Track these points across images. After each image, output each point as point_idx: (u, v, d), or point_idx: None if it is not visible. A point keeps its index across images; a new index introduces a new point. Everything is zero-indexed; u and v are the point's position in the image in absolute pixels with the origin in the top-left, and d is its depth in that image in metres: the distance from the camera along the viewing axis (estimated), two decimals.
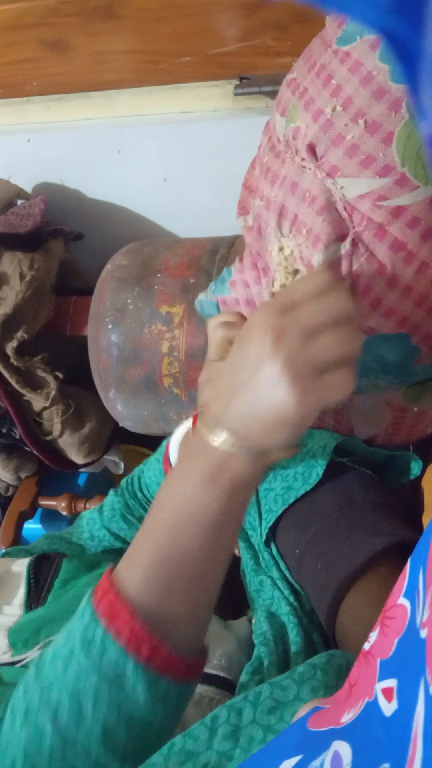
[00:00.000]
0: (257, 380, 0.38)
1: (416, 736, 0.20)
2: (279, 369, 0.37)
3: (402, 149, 0.43)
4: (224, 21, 0.81)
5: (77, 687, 0.38)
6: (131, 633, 0.38)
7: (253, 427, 0.39)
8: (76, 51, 0.87)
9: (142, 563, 0.40)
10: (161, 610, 0.39)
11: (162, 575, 0.40)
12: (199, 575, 0.41)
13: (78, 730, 0.38)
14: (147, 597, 0.39)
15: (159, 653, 0.39)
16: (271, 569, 0.64)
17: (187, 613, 0.41)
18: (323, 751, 0.25)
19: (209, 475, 0.40)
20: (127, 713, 0.38)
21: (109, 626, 0.39)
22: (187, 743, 0.42)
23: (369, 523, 0.58)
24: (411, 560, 0.28)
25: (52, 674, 0.40)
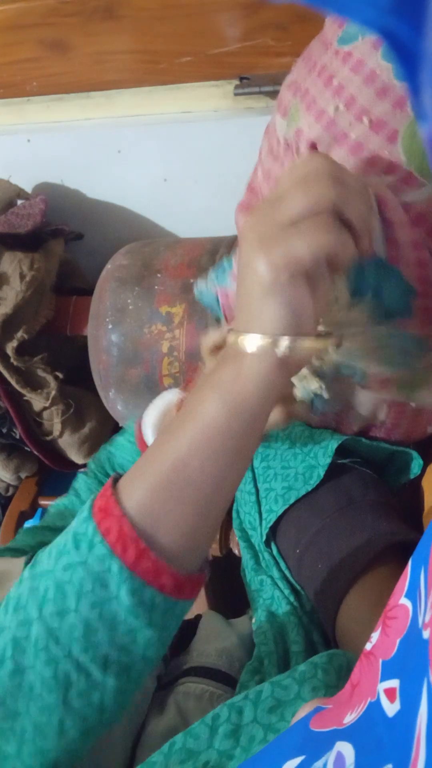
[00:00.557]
0: (246, 275, 0.38)
1: (419, 736, 0.20)
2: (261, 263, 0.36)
3: (408, 147, 0.43)
4: (224, 21, 0.81)
5: (63, 578, 0.38)
6: (119, 533, 0.38)
7: (248, 317, 0.38)
8: (76, 51, 0.87)
9: (140, 468, 0.40)
10: (156, 519, 0.39)
11: (155, 481, 0.39)
12: (193, 485, 0.40)
13: (61, 623, 0.38)
14: (143, 504, 0.39)
15: (144, 559, 0.38)
16: (271, 569, 0.64)
17: (177, 524, 0.40)
18: (326, 751, 0.25)
19: (221, 379, 0.39)
20: (109, 615, 0.38)
21: (99, 524, 0.39)
22: (187, 742, 0.42)
23: (369, 523, 0.58)
24: (412, 560, 0.28)
25: (44, 565, 0.40)
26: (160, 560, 0.39)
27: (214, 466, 0.40)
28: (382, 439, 0.66)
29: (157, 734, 0.50)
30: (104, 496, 0.40)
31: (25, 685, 0.38)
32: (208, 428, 0.39)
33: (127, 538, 0.38)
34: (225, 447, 0.40)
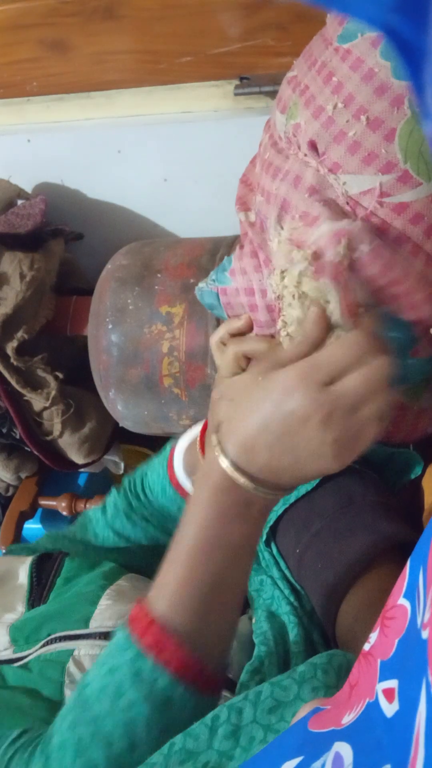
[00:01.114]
0: (301, 449, 0.40)
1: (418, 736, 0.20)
2: (328, 445, 0.40)
3: (404, 146, 0.43)
4: (224, 21, 0.81)
5: (129, 717, 0.41)
6: (180, 662, 0.41)
7: (286, 478, 0.42)
8: (76, 51, 0.87)
9: (177, 592, 0.43)
10: (200, 634, 0.42)
11: (197, 600, 0.42)
12: (229, 593, 0.44)
13: (132, 756, 0.40)
14: (186, 623, 0.42)
15: (203, 675, 0.42)
16: (271, 569, 0.64)
17: (221, 631, 0.44)
18: (324, 752, 0.25)
19: (238, 511, 0.43)
20: (174, 729, 0.41)
21: (157, 658, 0.41)
22: (187, 742, 0.42)
23: (369, 523, 0.58)
24: (411, 560, 0.28)
25: (102, 707, 0.41)
26: (213, 671, 0.43)
27: (243, 573, 0.45)
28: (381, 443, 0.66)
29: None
30: (152, 629, 0.42)
31: None
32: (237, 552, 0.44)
33: (189, 664, 0.42)
34: (250, 553, 0.46)
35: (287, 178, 0.51)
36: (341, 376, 0.40)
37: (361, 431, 0.40)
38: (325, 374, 0.40)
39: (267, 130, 0.58)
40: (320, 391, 0.40)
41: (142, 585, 0.63)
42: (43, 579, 0.61)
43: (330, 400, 0.40)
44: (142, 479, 0.71)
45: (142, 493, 0.71)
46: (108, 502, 0.73)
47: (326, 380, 0.40)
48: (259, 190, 0.56)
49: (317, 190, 0.48)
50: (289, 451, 0.41)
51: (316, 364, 0.40)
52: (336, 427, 0.40)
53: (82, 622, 0.55)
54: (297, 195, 0.50)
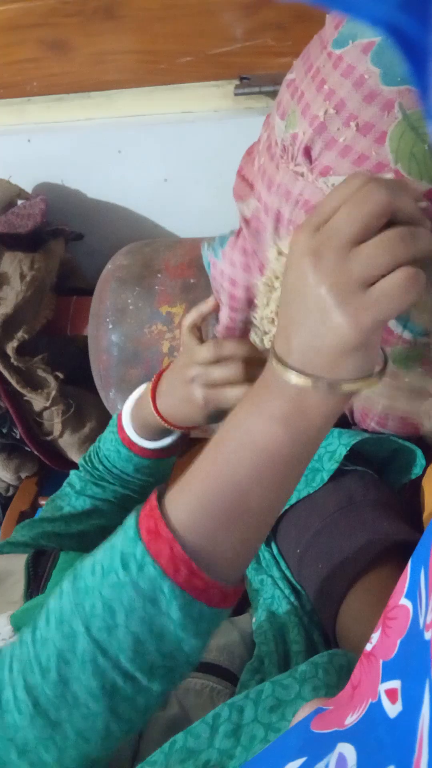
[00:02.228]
0: (307, 311, 0.36)
1: (422, 737, 0.20)
2: (324, 294, 0.35)
3: (395, 147, 0.44)
4: (225, 21, 0.81)
5: (112, 597, 0.38)
6: (170, 556, 0.38)
7: (318, 361, 0.37)
8: (76, 51, 0.87)
9: (194, 490, 0.39)
10: (205, 539, 0.39)
11: (212, 505, 0.39)
12: (251, 511, 0.40)
13: (110, 639, 0.38)
14: (192, 523, 0.39)
15: (196, 579, 0.38)
16: (271, 568, 0.64)
17: (232, 545, 0.40)
18: (328, 753, 0.25)
19: (286, 413, 0.38)
20: (158, 630, 0.38)
21: (149, 546, 0.38)
22: (188, 741, 0.42)
23: (370, 523, 0.58)
24: (412, 561, 0.28)
25: (89, 582, 0.40)
26: (210, 578, 0.39)
27: (275, 493, 0.40)
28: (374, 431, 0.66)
29: (160, 727, 0.50)
30: (152, 517, 0.39)
31: (69, 695, 0.38)
32: (272, 460, 0.39)
33: (178, 561, 0.38)
34: (288, 475, 0.40)
35: (279, 191, 0.51)
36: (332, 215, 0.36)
37: (364, 272, 0.35)
38: (315, 219, 0.36)
39: (266, 129, 0.58)
40: (310, 237, 0.36)
41: None
42: (40, 571, 0.62)
43: (318, 238, 0.35)
44: (96, 452, 0.73)
45: (99, 464, 0.73)
46: (72, 480, 0.75)
47: (317, 224, 0.36)
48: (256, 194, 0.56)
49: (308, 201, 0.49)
50: (301, 319, 0.37)
51: (309, 217, 0.37)
52: (326, 267, 0.35)
53: None
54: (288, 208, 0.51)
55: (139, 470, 0.70)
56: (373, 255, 0.35)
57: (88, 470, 0.74)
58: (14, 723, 0.38)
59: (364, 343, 0.36)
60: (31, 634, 0.40)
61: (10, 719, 0.38)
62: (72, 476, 0.76)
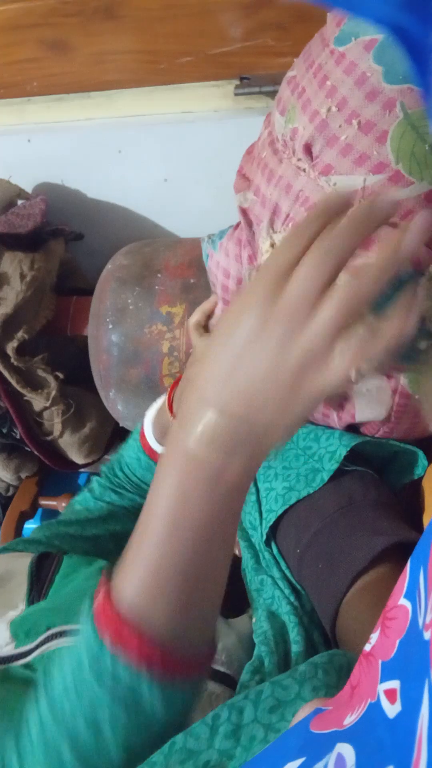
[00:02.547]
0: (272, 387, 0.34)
1: (421, 737, 0.20)
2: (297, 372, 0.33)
3: (396, 147, 0.44)
4: (225, 21, 0.81)
5: (94, 716, 0.38)
6: (141, 655, 0.37)
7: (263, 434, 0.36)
8: (76, 51, 0.87)
9: (139, 574, 0.39)
10: (165, 619, 0.38)
11: (162, 583, 0.38)
12: (200, 578, 0.39)
13: (99, 756, 0.38)
14: (148, 608, 0.38)
15: (172, 665, 0.38)
16: (271, 569, 0.64)
17: (191, 616, 0.40)
18: (327, 753, 0.25)
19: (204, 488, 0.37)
20: (147, 730, 0.39)
21: (115, 647, 0.37)
22: (188, 742, 0.42)
23: (369, 522, 0.58)
24: (411, 560, 0.28)
25: (65, 707, 0.39)
26: (185, 657, 0.39)
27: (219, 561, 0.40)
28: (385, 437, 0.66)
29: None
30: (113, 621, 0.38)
31: None
32: (194, 532, 0.38)
33: (152, 657, 0.37)
34: (225, 541, 0.40)
35: (280, 183, 0.51)
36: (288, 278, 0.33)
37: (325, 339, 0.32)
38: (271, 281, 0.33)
39: (267, 126, 0.58)
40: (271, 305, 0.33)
41: None
42: (42, 576, 0.62)
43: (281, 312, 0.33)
44: (119, 460, 0.74)
45: (120, 471, 0.74)
46: (93, 485, 0.76)
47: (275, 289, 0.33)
48: (254, 187, 0.56)
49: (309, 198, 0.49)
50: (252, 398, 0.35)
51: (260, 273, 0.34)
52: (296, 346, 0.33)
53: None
54: (287, 202, 0.51)
55: None
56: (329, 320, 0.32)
57: (109, 477, 0.75)
58: None
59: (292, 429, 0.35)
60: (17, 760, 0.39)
61: None
62: (93, 482, 0.76)
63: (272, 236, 0.53)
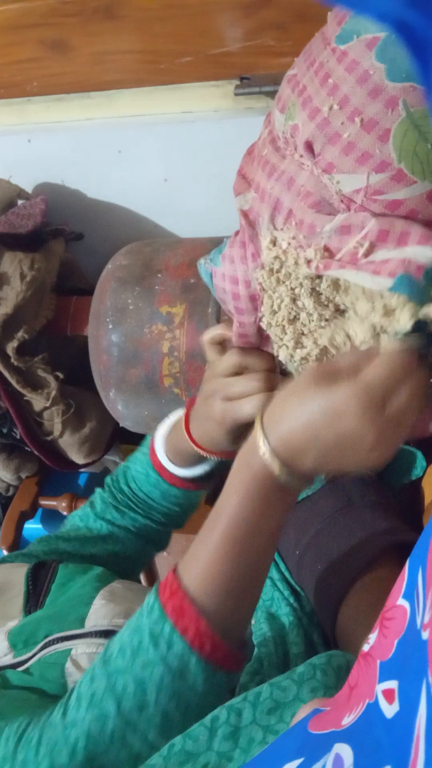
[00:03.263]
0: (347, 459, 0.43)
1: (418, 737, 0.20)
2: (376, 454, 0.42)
3: (399, 146, 0.44)
4: (225, 21, 0.81)
5: (143, 676, 0.43)
6: (196, 631, 0.43)
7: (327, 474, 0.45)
8: (76, 51, 0.87)
9: (207, 569, 0.44)
10: (222, 610, 0.44)
11: (225, 580, 0.44)
12: (256, 576, 0.46)
13: (140, 716, 0.42)
14: (210, 598, 0.44)
15: (219, 650, 0.43)
16: (270, 570, 0.64)
17: (243, 611, 0.46)
18: (325, 753, 0.25)
19: (276, 499, 0.44)
20: (185, 702, 0.43)
21: (176, 624, 0.43)
22: (186, 744, 0.42)
23: (368, 523, 0.58)
24: (409, 561, 0.28)
25: (119, 663, 0.44)
26: (230, 647, 0.44)
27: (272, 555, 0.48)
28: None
29: None
30: (176, 596, 0.44)
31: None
32: (272, 533, 0.46)
33: (204, 636, 0.43)
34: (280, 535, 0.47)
35: (282, 178, 0.51)
36: (391, 396, 0.42)
37: (399, 436, 0.43)
38: (379, 398, 0.42)
39: (267, 125, 0.58)
40: (376, 416, 0.42)
41: (135, 587, 0.63)
42: (39, 586, 0.62)
43: (384, 423, 0.42)
44: (125, 473, 0.72)
45: (126, 486, 0.72)
46: (95, 499, 0.74)
47: (382, 403, 0.42)
48: (254, 185, 0.56)
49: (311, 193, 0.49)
50: (336, 458, 0.43)
51: (370, 388, 0.42)
52: (385, 441, 0.42)
53: (77, 623, 0.55)
54: (289, 197, 0.50)
55: (166, 498, 0.69)
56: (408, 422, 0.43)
57: (113, 492, 0.73)
58: None
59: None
60: (61, 716, 0.44)
61: None
62: (96, 495, 0.75)
63: (273, 232, 0.52)
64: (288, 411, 0.44)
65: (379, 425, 0.41)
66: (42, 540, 0.72)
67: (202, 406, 0.59)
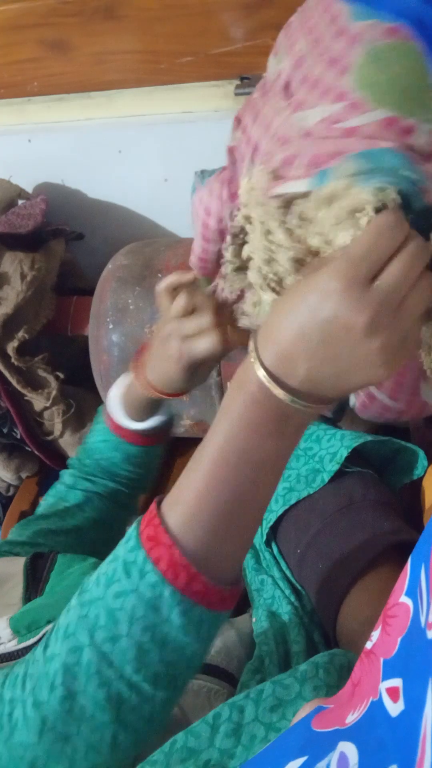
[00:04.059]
0: (345, 359, 0.37)
1: (425, 736, 0.20)
2: (375, 353, 0.37)
3: (358, 77, 0.45)
4: (225, 21, 0.81)
5: (115, 605, 0.40)
6: (170, 561, 0.39)
7: (330, 390, 0.39)
8: (76, 51, 0.87)
9: (188, 498, 0.41)
10: (202, 544, 0.40)
11: (207, 511, 0.40)
12: (248, 512, 0.41)
13: (113, 647, 0.39)
14: (189, 530, 0.40)
15: (195, 583, 0.39)
16: (272, 569, 0.64)
17: (229, 548, 0.41)
18: (329, 752, 0.25)
19: (273, 426, 0.40)
20: (160, 636, 0.39)
21: (150, 552, 0.40)
22: (188, 741, 0.42)
23: (370, 522, 0.58)
24: (411, 559, 0.28)
25: (93, 593, 0.41)
26: (209, 581, 0.40)
27: (268, 493, 0.43)
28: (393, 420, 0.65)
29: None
30: (152, 525, 0.41)
31: (77, 709, 0.39)
32: (267, 469, 0.41)
33: (178, 565, 0.39)
34: (278, 475, 0.42)
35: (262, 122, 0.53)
36: (381, 268, 0.37)
37: (408, 330, 0.37)
38: (365, 270, 0.36)
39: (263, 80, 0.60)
40: (363, 292, 0.36)
41: None
42: (38, 575, 0.62)
43: (374, 302, 0.36)
44: (84, 449, 0.75)
45: (88, 459, 0.74)
46: (63, 476, 0.77)
47: (368, 277, 0.36)
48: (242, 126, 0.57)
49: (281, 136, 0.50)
50: (330, 360, 0.38)
51: (353, 260, 0.36)
52: (383, 330, 0.36)
53: None
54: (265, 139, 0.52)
55: (128, 459, 0.71)
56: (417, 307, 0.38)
57: (77, 467, 0.76)
58: (25, 741, 0.39)
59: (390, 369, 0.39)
60: (42, 651, 0.41)
61: (21, 737, 0.39)
62: (63, 474, 0.77)
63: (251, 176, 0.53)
64: (275, 318, 0.39)
65: (370, 307, 0.36)
66: (21, 524, 0.73)
67: (158, 348, 0.60)
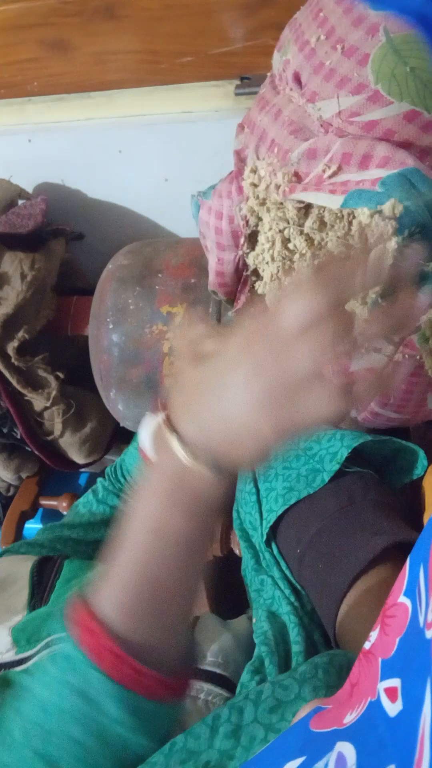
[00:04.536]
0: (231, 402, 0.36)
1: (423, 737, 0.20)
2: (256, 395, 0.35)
3: (377, 68, 0.45)
4: (225, 21, 0.81)
5: (44, 697, 0.38)
6: (95, 644, 0.37)
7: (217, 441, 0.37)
8: (77, 51, 0.87)
9: (111, 579, 0.40)
10: (130, 627, 0.38)
11: (131, 592, 0.39)
12: (167, 592, 0.39)
13: (46, 746, 0.37)
14: (116, 612, 0.39)
15: (124, 666, 0.37)
16: (271, 569, 0.64)
17: (155, 629, 0.40)
18: (327, 752, 0.25)
19: (170, 489, 0.38)
20: (98, 729, 0.37)
21: (75, 637, 0.38)
22: (188, 742, 0.42)
23: (370, 522, 0.58)
24: (410, 558, 0.28)
25: (25, 682, 0.39)
26: (139, 664, 0.38)
27: (183, 571, 0.40)
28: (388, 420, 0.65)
29: None
30: (76, 607, 0.39)
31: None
32: (174, 542, 0.39)
33: (102, 647, 0.37)
34: (190, 554, 0.40)
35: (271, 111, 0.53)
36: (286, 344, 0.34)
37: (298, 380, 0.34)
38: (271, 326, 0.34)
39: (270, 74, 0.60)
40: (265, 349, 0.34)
41: None
42: (44, 581, 0.62)
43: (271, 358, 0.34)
44: (121, 465, 0.77)
45: (122, 476, 0.76)
46: (97, 488, 0.78)
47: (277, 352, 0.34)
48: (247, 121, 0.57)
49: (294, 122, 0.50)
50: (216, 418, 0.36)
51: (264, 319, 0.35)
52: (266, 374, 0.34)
53: None
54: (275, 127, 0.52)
55: None
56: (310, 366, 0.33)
57: (112, 481, 0.77)
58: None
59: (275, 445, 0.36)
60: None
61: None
62: (98, 484, 0.78)
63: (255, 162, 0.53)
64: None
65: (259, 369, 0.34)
66: (47, 528, 0.74)
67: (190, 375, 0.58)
